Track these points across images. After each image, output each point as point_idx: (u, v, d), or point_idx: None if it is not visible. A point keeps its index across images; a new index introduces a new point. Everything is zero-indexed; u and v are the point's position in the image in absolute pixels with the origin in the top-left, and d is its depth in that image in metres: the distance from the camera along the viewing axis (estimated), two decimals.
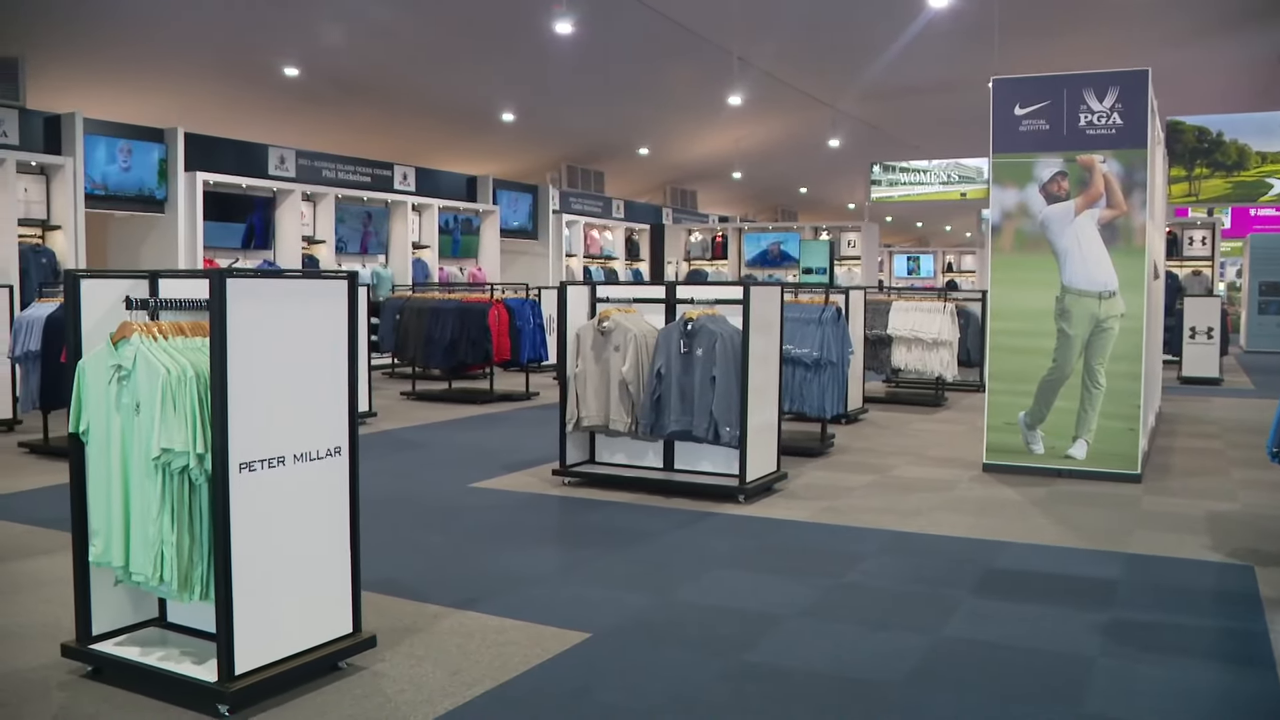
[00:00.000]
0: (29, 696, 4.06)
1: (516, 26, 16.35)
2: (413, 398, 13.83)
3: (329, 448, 4.17)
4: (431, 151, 21.89)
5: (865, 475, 8.63)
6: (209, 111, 17.64)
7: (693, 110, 22.50)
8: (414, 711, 3.90)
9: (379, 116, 20.08)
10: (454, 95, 19.58)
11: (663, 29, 16.56)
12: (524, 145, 23.45)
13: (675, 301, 7.88)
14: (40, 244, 13.44)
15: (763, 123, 23.78)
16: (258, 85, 17.66)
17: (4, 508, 7.18)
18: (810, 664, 4.40)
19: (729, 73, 18.40)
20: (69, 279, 4.20)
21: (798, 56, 19.00)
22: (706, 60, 18.30)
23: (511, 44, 17.20)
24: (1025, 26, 16.25)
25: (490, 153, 23.39)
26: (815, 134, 24.37)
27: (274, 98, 18.28)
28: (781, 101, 21.72)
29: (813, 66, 19.73)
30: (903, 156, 26.64)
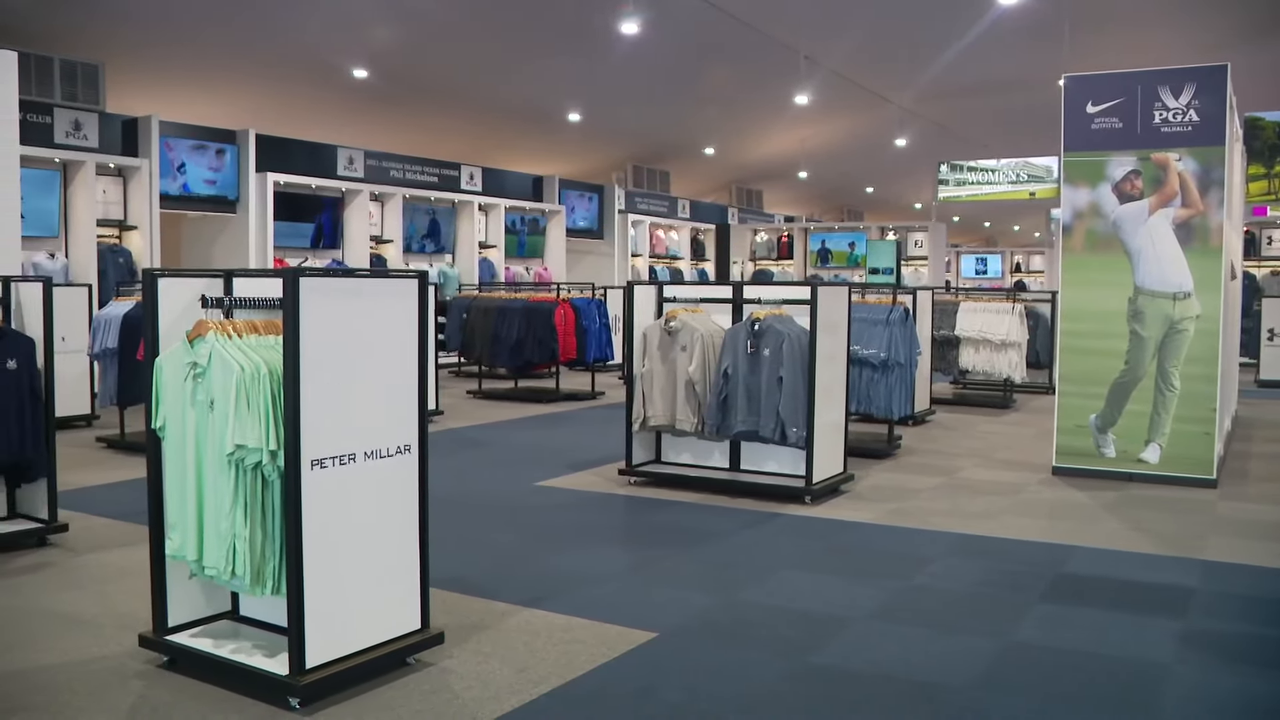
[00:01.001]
0: (108, 684, 4.14)
1: (583, 26, 16.40)
2: (479, 396, 13.93)
3: (399, 445, 4.21)
4: (498, 152, 22.02)
5: (933, 477, 8.56)
6: (279, 113, 17.90)
7: (759, 109, 22.42)
8: (481, 708, 3.93)
9: (446, 117, 20.24)
10: (521, 95, 19.68)
11: (729, 28, 16.52)
12: (590, 145, 23.51)
13: (742, 301, 7.86)
14: (117, 244, 13.72)
15: (829, 122, 23.64)
16: (327, 87, 17.87)
17: (83, 501, 7.33)
18: (877, 666, 4.37)
19: (795, 72, 18.31)
20: (147, 278, 4.29)
21: (865, 55, 18.85)
22: (773, 59, 18.23)
23: (578, 44, 17.25)
24: (1096, 22, 15.99)
25: (556, 153, 23.48)
26: (882, 133, 24.18)
27: (343, 99, 18.49)
28: (848, 100, 21.58)
29: (880, 65, 19.58)
30: (970, 155, 26.33)
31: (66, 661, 4.38)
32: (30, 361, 6.10)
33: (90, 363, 10.50)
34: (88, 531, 6.56)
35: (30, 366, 6.10)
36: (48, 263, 12.44)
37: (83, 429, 10.67)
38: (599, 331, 13.62)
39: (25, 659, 4.41)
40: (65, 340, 9.39)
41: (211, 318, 4.15)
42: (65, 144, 13.33)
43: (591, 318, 13.54)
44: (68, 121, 13.49)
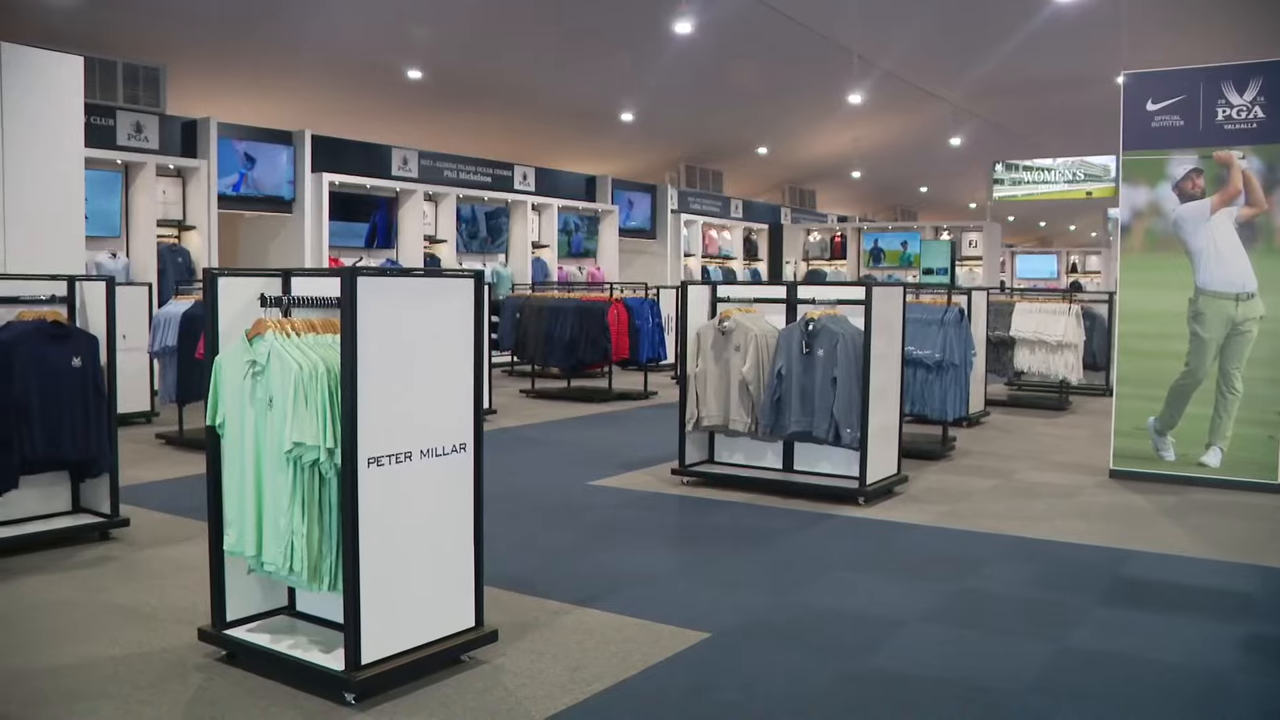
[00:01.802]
0: (169, 676, 4.21)
1: (636, 26, 16.41)
2: (532, 395, 13.99)
3: (454, 444, 4.24)
4: (551, 152, 22.09)
5: (987, 479, 8.49)
6: (335, 114, 18.07)
7: (812, 109, 22.33)
8: (535, 706, 3.95)
9: (499, 117, 20.34)
10: (574, 95, 19.74)
11: (782, 27, 16.47)
12: (643, 145, 23.52)
13: (796, 301, 7.84)
14: (176, 243, 13.91)
15: (882, 121, 23.50)
16: (381, 88, 18.02)
17: (143, 496, 7.44)
18: (931, 670, 4.34)
19: (849, 71, 18.22)
20: (207, 277, 4.35)
21: (918, 54, 18.72)
22: (826, 59, 18.15)
23: (631, 44, 17.27)
24: (1156, 18, 15.77)
25: (609, 153, 23.51)
26: (936, 132, 24.00)
27: (397, 100, 18.64)
28: (902, 99, 21.44)
29: (934, 63, 19.43)
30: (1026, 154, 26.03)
31: (128, 654, 4.46)
32: (94, 359, 6.21)
33: (150, 360, 10.66)
34: (148, 526, 6.67)
35: (94, 364, 6.21)
36: (109, 262, 12.64)
37: (142, 426, 10.83)
38: (651, 331, 13.63)
39: (90, 650, 4.49)
40: (126, 338, 9.53)
41: (270, 316, 4.20)
42: (127, 146, 13.55)
43: (644, 317, 13.55)
44: (130, 124, 13.71)
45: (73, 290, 6.33)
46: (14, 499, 6.14)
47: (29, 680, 4.17)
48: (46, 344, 6.00)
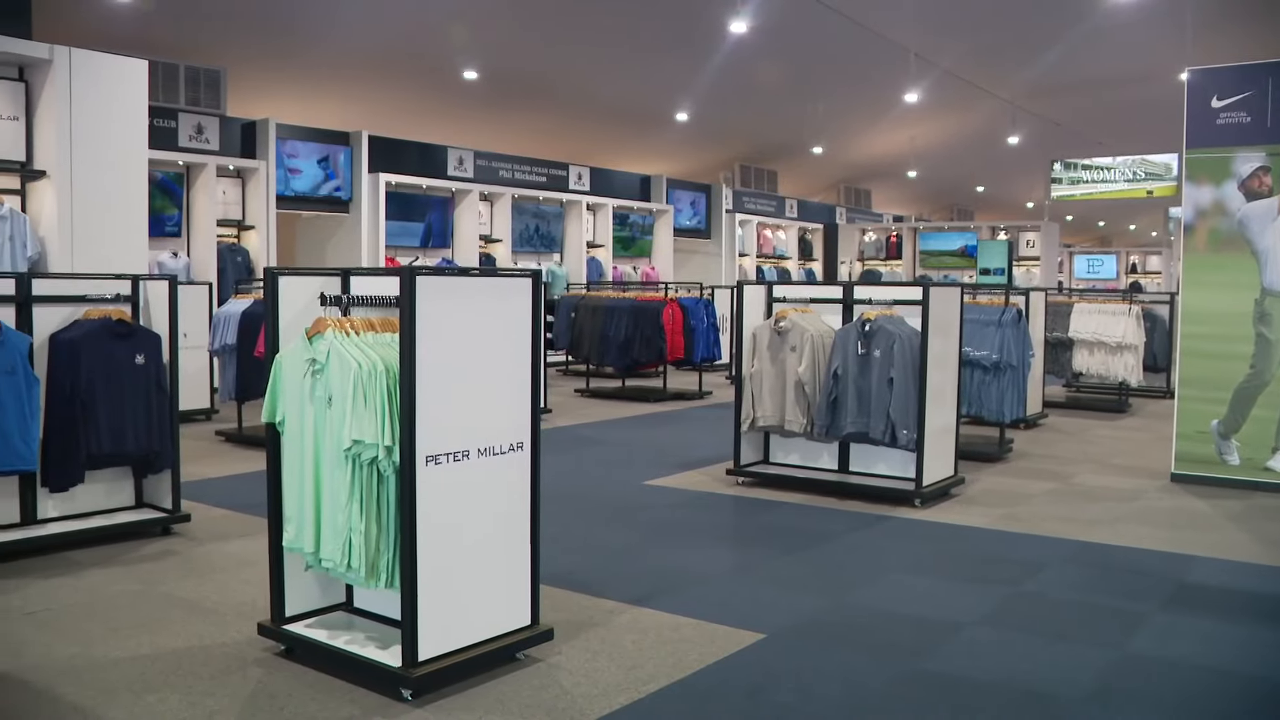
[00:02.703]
0: (229, 669, 4.27)
1: (691, 26, 16.40)
2: (586, 395, 14.02)
3: (512, 443, 4.26)
4: (606, 151, 22.13)
5: (1046, 482, 8.39)
6: (391, 115, 18.20)
7: (868, 108, 22.20)
8: (590, 704, 3.96)
9: (555, 117, 20.40)
10: (628, 96, 19.76)
11: (838, 26, 16.38)
12: (698, 145, 23.50)
13: (852, 302, 7.80)
14: (236, 243, 14.08)
15: (939, 120, 23.32)
16: (438, 89, 18.14)
17: (204, 492, 7.54)
18: (988, 674, 4.30)
19: (905, 70, 18.09)
20: (268, 276, 4.39)
21: (976, 52, 18.54)
22: (882, 57, 18.03)
23: (686, 44, 17.25)
24: (1221, 12, 15.50)
25: (664, 152, 23.51)
26: (993, 131, 23.77)
27: (453, 100, 18.75)
28: (958, 98, 21.26)
29: (991, 61, 19.24)
30: (1085, 153, 25.71)
31: (190, 646, 4.52)
32: (157, 357, 6.31)
33: (210, 358, 10.80)
34: (208, 521, 6.76)
35: (157, 362, 6.31)
36: (171, 261, 12.82)
37: (202, 423, 10.97)
38: (706, 331, 13.61)
39: (154, 642, 4.56)
40: (187, 336, 9.68)
41: (330, 315, 4.24)
42: (188, 147, 13.73)
43: (699, 317, 13.54)
44: (191, 125, 13.90)
45: (137, 289, 6.43)
46: (80, 493, 6.26)
47: (98, 671, 4.24)
48: (111, 342, 6.11)
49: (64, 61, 9.33)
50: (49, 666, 4.29)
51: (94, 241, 9.45)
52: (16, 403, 5.68)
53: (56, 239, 9.31)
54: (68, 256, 9.31)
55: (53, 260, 9.33)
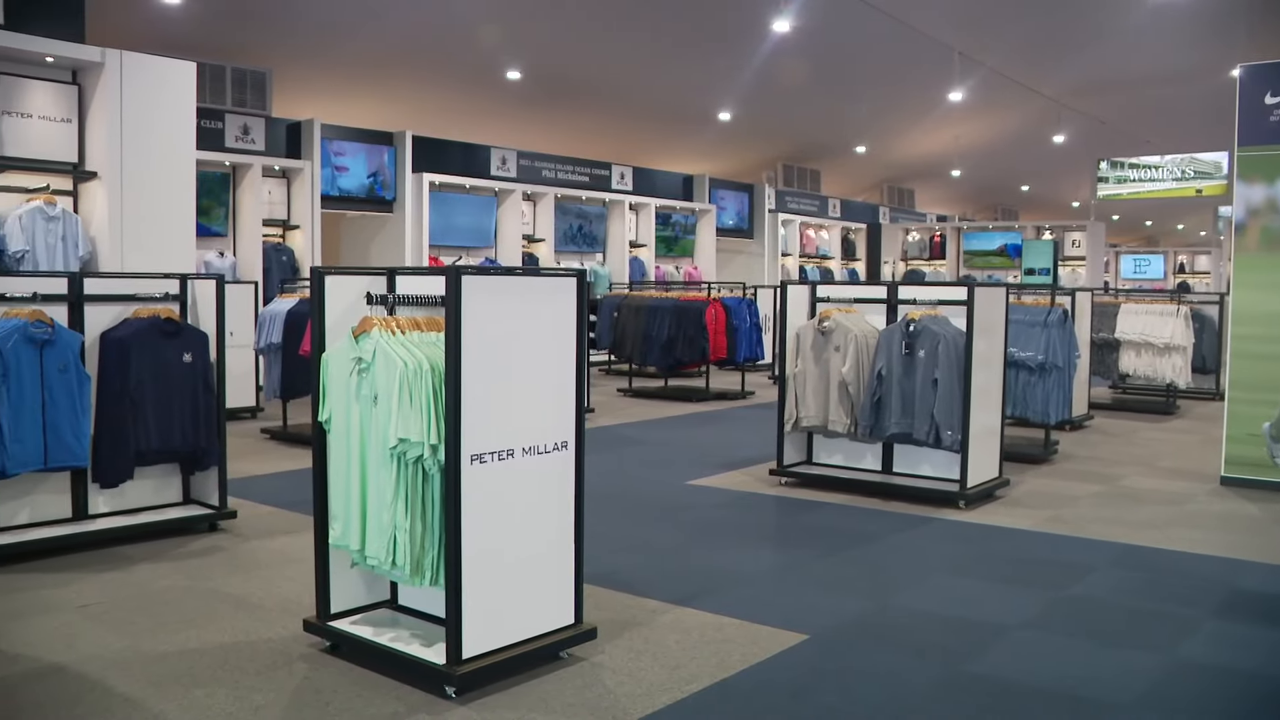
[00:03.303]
0: (275, 665, 4.31)
1: (734, 26, 16.37)
2: (629, 394, 14.03)
3: (556, 442, 4.27)
4: (648, 151, 22.13)
5: (1092, 484, 8.31)
6: (435, 115, 18.30)
7: (911, 107, 22.08)
8: (634, 704, 3.96)
9: (597, 117, 20.43)
10: (671, 95, 19.75)
11: (882, 25, 16.30)
12: (740, 144, 23.46)
13: (897, 302, 7.75)
14: (281, 242, 14.21)
15: (983, 119, 23.14)
16: (481, 89, 18.21)
17: (249, 490, 7.61)
18: (1034, 678, 4.26)
19: (949, 68, 17.98)
20: (315, 275, 4.43)
21: (1020, 50, 18.39)
22: (926, 56, 17.93)
23: (729, 43, 17.23)
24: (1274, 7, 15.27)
25: (707, 152, 23.49)
26: (1038, 129, 23.57)
27: (496, 101, 18.82)
28: (1003, 96, 21.09)
29: (1036, 59, 19.07)
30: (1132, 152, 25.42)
31: (237, 641, 4.57)
32: (204, 355, 6.38)
33: (255, 357, 10.90)
34: (254, 518, 6.82)
35: (204, 360, 6.38)
36: (217, 261, 12.95)
37: (247, 421, 11.07)
38: (749, 331, 13.58)
39: (202, 637, 4.61)
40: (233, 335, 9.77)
41: (376, 314, 4.27)
42: (234, 148, 13.89)
43: (742, 317, 13.51)
44: (237, 126, 14.05)
45: (185, 288, 6.49)
46: (129, 489, 6.34)
47: (148, 664, 4.30)
48: (160, 340, 6.18)
49: (115, 64, 9.45)
50: (101, 658, 4.35)
51: (143, 241, 9.57)
52: (69, 400, 5.77)
53: (107, 239, 9.43)
54: (117, 256, 9.43)
55: (103, 260, 9.45)
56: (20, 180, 9.36)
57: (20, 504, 5.92)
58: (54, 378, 5.72)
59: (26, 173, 9.38)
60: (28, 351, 5.62)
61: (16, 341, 5.58)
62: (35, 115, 9.33)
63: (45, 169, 9.42)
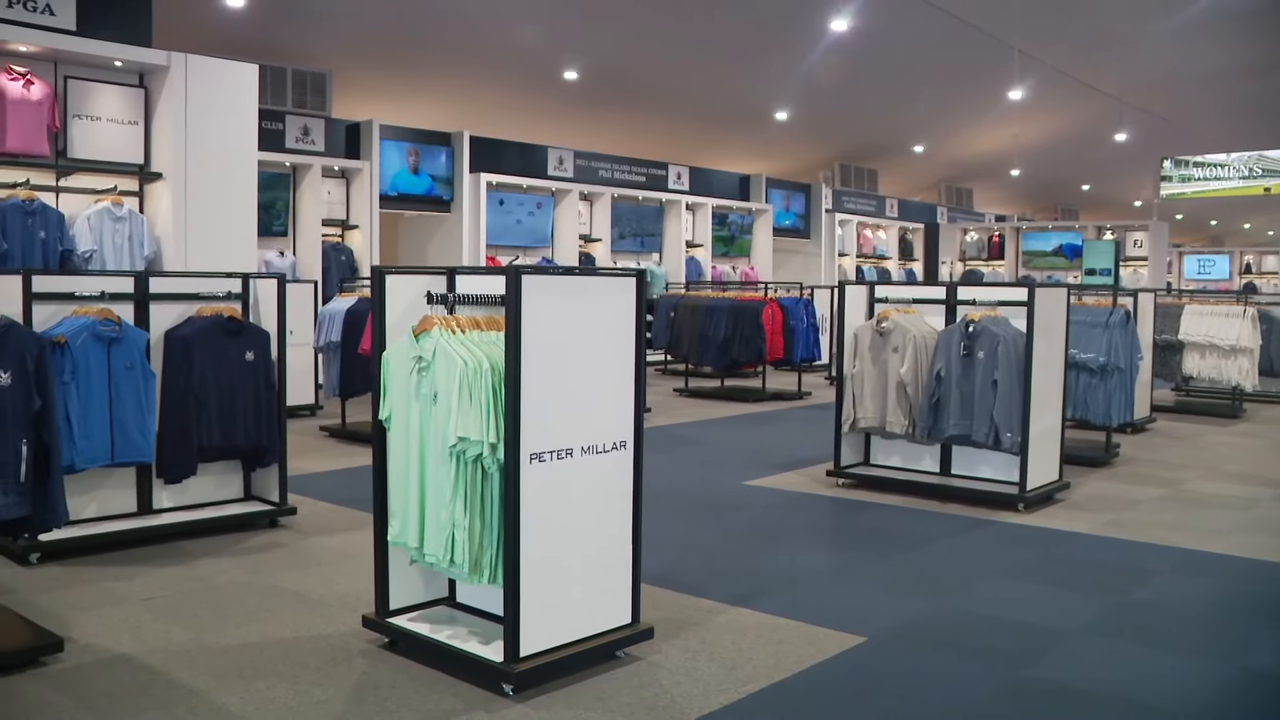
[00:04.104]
0: (335, 660, 4.36)
1: (791, 25, 16.32)
2: (685, 394, 14.03)
3: (615, 441, 4.28)
4: (705, 151, 22.10)
5: (1154, 488, 8.19)
6: (492, 115, 18.39)
7: (970, 106, 21.87)
8: (690, 704, 3.96)
9: (654, 117, 20.43)
10: (728, 95, 19.71)
11: (940, 24, 16.16)
12: (797, 144, 23.36)
13: (956, 303, 7.69)
14: (340, 242, 14.35)
15: (1043, 117, 22.87)
16: (538, 89, 18.28)
17: (309, 486, 7.70)
18: (1096, 684, 4.21)
19: (1009, 66, 17.80)
20: (376, 275, 4.47)
21: (1082, 46, 18.16)
22: (985, 54, 17.76)
23: (786, 43, 17.17)
24: None
25: (763, 152, 23.42)
26: (1100, 128, 23.26)
27: (553, 101, 18.88)
28: (1064, 94, 20.83)
29: (1098, 56, 18.82)
30: (1197, 150, 25.02)
31: (297, 636, 4.63)
32: (266, 353, 6.46)
33: (315, 355, 11.02)
34: (313, 515, 6.90)
35: (266, 358, 6.46)
36: (278, 260, 13.10)
37: (306, 418, 11.18)
38: (806, 331, 13.52)
39: (262, 632, 4.67)
40: (293, 334, 9.89)
41: (436, 313, 4.30)
42: (295, 148, 14.06)
43: (799, 317, 13.45)
44: (297, 127, 14.22)
45: (247, 287, 6.58)
46: (192, 485, 6.43)
47: (211, 657, 4.36)
48: (223, 339, 6.27)
49: (180, 67, 9.59)
50: (166, 650, 4.42)
51: (206, 241, 9.70)
52: (134, 397, 5.87)
53: (171, 239, 9.58)
54: (181, 255, 9.57)
55: (167, 259, 9.60)
56: (89, 182, 9.53)
57: (88, 498, 6.03)
58: (121, 375, 5.82)
59: (95, 174, 9.54)
60: (96, 349, 5.73)
61: (85, 339, 5.68)
62: (104, 118, 9.49)
63: (112, 170, 9.58)
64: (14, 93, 8.90)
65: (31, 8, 9.06)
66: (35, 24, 9.05)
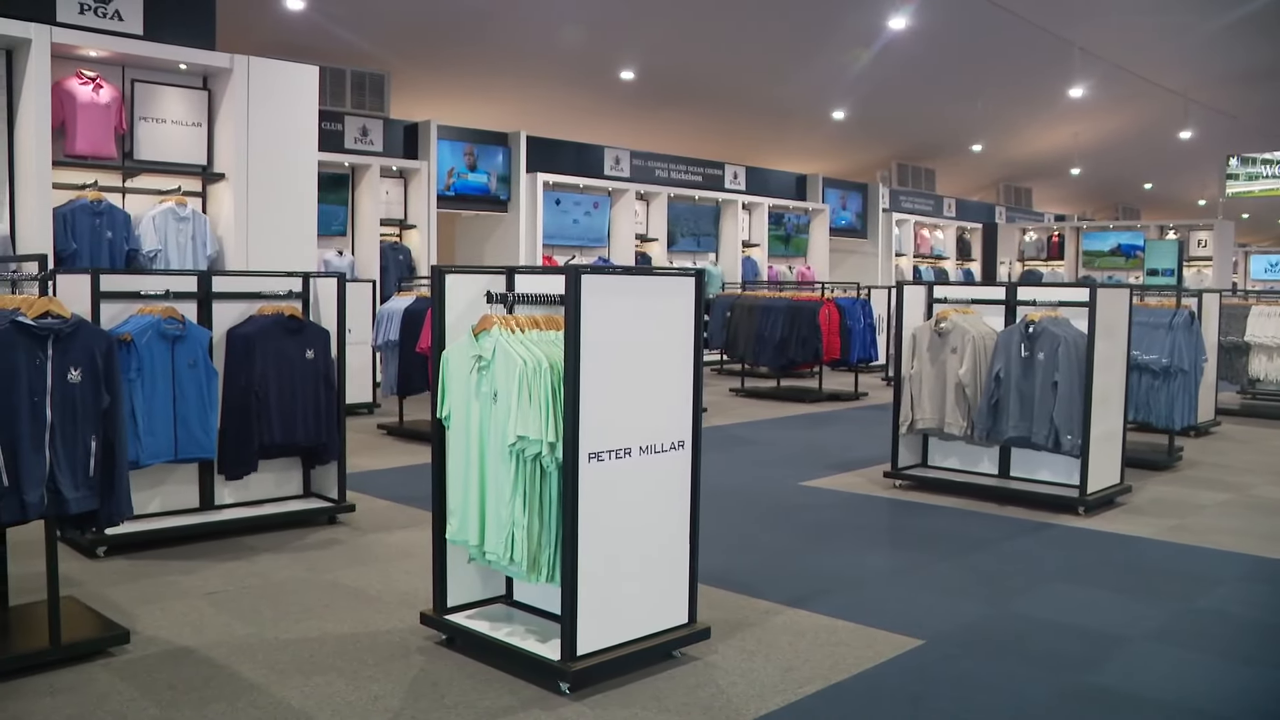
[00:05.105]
0: (393, 656, 4.40)
1: (848, 23, 16.24)
2: (741, 394, 14.00)
3: (673, 441, 4.28)
4: (761, 150, 22.05)
5: (1219, 493, 8.05)
6: (549, 115, 18.46)
7: (1029, 104, 21.65)
8: (746, 705, 3.95)
9: (710, 117, 20.41)
10: (785, 94, 19.65)
11: (999, 21, 16.01)
12: (854, 143, 23.24)
13: (1015, 303, 7.61)
14: (398, 241, 14.47)
15: (1104, 115, 22.57)
16: (595, 89, 18.33)
17: (367, 484, 7.77)
18: (1159, 692, 4.14)
19: (1069, 63, 17.58)
20: (435, 274, 4.49)
21: (1144, 43, 17.89)
22: (1045, 51, 17.56)
23: (844, 41, 17.08)
24: None
25: (820, 151, 23.32)
26: (1163, 125, 22.91)
27: (609, 101, 18.92)
28: (1126, 91, 20.55)
29: (1161, 52, 18.54)
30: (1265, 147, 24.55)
31: (356, 632, 4.67)
32: (326, 352, 6.53)
33: (373, 354, 11.11)
34: (371, 512, 6.96)
35: (325, 356, 6.53)
36: (337, 260, 13.23)
37: (364, 416, 11.28)
38: (863, 332, 13.45)
39: (322, 627, 4.73)
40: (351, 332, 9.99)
41: (495, 312, 4.32)
42: (353, 149, 14.19)
43: (856, 317, 13.38)
44: (356, 128, 14.36)
45: (307, 286, 6.66)
46: (252, 482, 6.52)
47: (271, 651, 4.42)
48: (284, 337, 6.35)
49: (243, 70, 9.72)
50: (227, 644, 4.49)
51: (267, 240, 9.82)
52: (198, 394, 5.96)
53: (233, 238, 9.70)
54: (243, 255, 9.70)
55: (229, 258, 9.73)
56: (154, 183, 9.69)
57: (151, 493, 6.13)
58: (184, 372, 5.91)
59: (160, 175, 9.69)
60: (160, 347, 5.82)
61: (150, 337, 5.78)
62: (169, 120, 9.64)
63: (177, 171, 9.73)
64: (84, 96, 9.07)
65: (102, 14, 9.24)
66: (105, 29, 9.23)
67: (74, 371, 4.12)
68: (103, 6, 9.24)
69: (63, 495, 4.11)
